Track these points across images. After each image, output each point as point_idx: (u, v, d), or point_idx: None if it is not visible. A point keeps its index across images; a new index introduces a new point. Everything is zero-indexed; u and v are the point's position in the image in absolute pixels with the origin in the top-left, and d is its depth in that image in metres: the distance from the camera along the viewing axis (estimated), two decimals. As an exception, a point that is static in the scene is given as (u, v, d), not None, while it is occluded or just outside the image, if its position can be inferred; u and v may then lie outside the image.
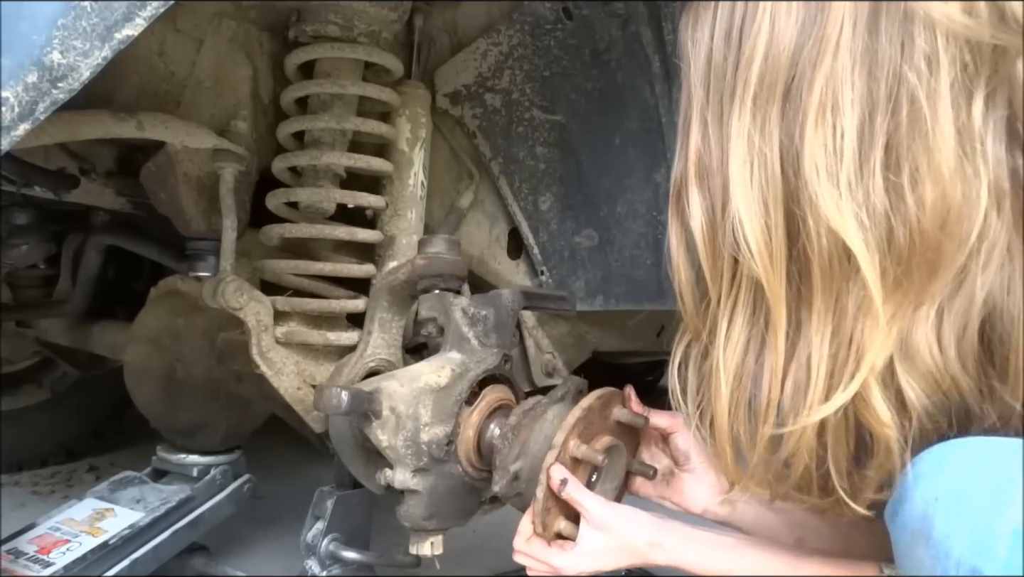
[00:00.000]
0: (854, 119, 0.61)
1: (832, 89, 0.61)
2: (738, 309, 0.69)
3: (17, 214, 1.55)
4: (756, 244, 0.64)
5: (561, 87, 1.43)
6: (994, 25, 0.59)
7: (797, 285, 0.65)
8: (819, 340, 0.64)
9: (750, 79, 0.64)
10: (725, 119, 0.67)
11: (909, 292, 0.61)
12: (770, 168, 0.64)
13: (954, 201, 0.59)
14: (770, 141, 0.64)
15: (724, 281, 0.69)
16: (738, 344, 0.69)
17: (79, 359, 2.08)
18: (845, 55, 0.61)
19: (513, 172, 1.49)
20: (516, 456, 0.93)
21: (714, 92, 0.68)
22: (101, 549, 1.21)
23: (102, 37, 0.68)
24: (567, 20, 1.38)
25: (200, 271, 1.30)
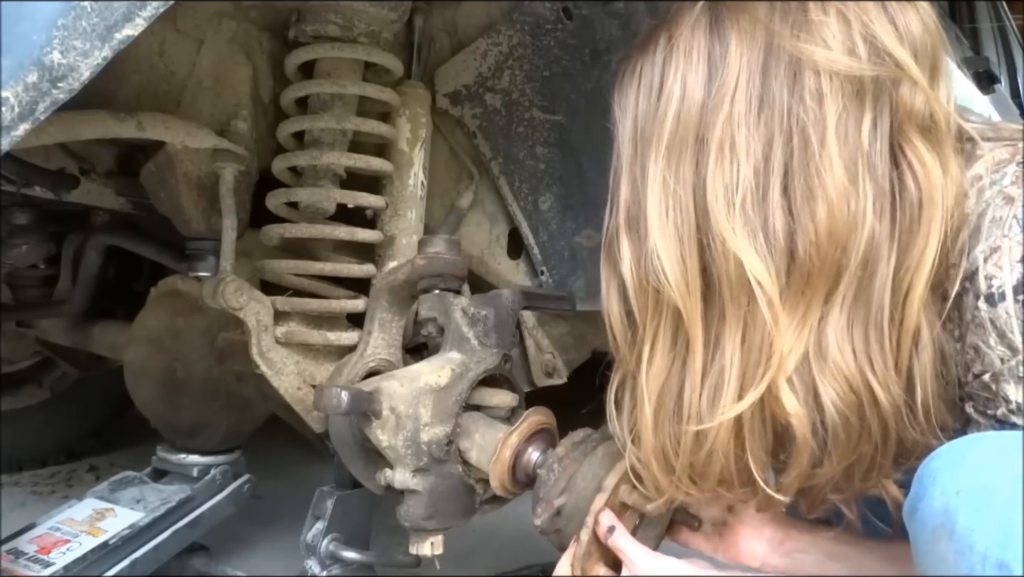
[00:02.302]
0: (750, 155, 0.70)
1: (730, 130, 0.71)
2: (659, 335, 0.77)
3: (17, 214, 1.55)
4: (672, 274, 0.73)
5: (561, 87, 1.43)
6: (872, 61, 0.69)
7: (711, 307, 0.74)
8: (731, 349, 0.72)
9: (665, 130, 0.74)
10: (646, 170, 0.76)
11: (814, 300, 0.69)
12: (683, 206, 0.73)
13: (843, 217, 0.68)
14: (683, 182, 0.73)
15: (649, 312, 0.77)
16: (660, 366, 0.77)
17: (79, 359, 2.08)
18: (741, 100, 0.71)
19: (513, 172, 1.49)
20: (561, 491, 0.88)
21: (640, 147, 0.78)
22: (101, 549, 1.21)
23: (102, 37, 0.68)
24: (567, 20, 1.38)
25: (200, 271, 1.30)
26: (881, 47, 0.69)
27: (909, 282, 0.69)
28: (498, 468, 0.95)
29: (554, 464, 0.91)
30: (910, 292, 0.69)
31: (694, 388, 0.74)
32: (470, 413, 1.03)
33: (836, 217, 0.67)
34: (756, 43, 0.71)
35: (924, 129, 0.70)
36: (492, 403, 1.05)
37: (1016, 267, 0.64)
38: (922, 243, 0.68)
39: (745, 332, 0.71)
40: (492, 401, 1.05)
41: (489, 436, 0.98)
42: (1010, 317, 0.64)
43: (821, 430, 0.70)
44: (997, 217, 0.67)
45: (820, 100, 0.69)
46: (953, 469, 0.61)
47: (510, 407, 1.06)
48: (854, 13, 0.70)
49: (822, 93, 0.69)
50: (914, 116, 0.70)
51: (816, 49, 0.69)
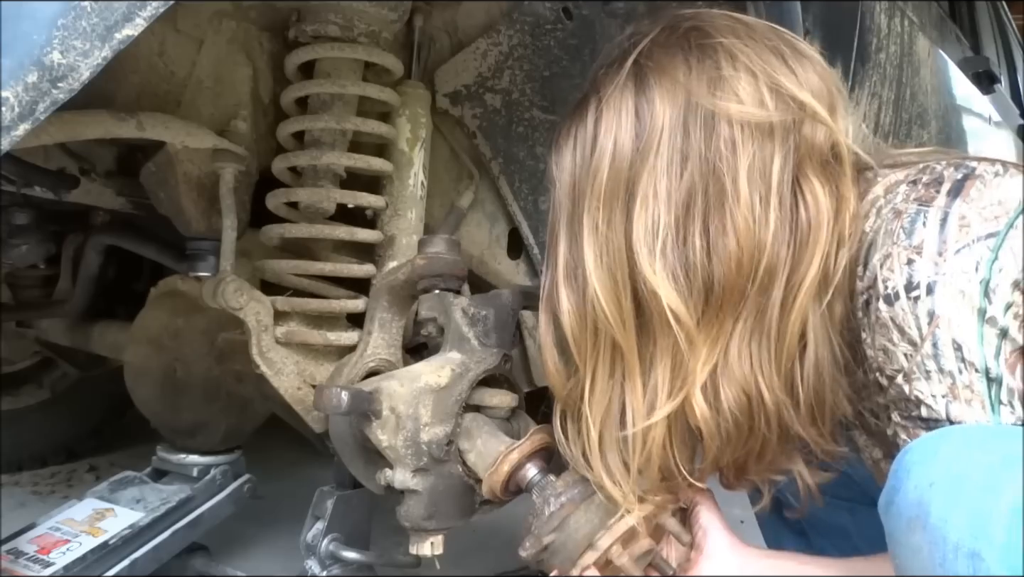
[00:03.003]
0: (671, 203, 0.78)
1: (653, 180, 0.78)
2: (599, 368, 0.84)
3: (17, 214, 1.55)
4: (610, 313, 0.80)
5: (561, 87, 1.43)
6: (778, 107, 0.78)
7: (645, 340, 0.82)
8: (662, 369, 0.81)
9: (599, 183, 0.81)
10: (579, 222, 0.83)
11: (724, 321, 0.78)
12: (615, 250, 0.80)
13: (749, 248, 0.76)
14: (614, 230, 0.80)
15: (588, 349, 0.84)
16: (601, 393, 0.84)
17: (79, 359, 2.08)
18: (664, 152, 0.78)
19: (513, 172, 1.49)
20: (553, 529, 0.89)
21: (576, 201, 0.84)
22: (101, 549, 1.21)
23: (102, 37, 0.68)
24: (567, 20, 1.38)
25: (200, 271, 1.30)
26: (785, 93, 0.78)
27: (793, 297, 0.77)
28: (493, 479, 0.96)
29: (551, 497, 0.92)
30: (794, 305, 0.77)
31: (636, 403, 0.82)
32: (474, 415, 1.03)
33: (743, 249, 0.76)
34: (677, 100, 0.79)
35: (824, 163, 0.79)
36: (492, 403, 1.05)
37: (904, 269, 0.73)
38: (807, 261, 0.77)
39: (672, 354, 0.80)
40: (492, 401, 1.05)
41: (491, 445, 0.99)
42: (906, 313, 0.72)
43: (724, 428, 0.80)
44: (889, 229, 0.75)
45: (733, 148, 0.77)
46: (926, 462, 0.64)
47: (510, 408, 1.06)
48: (759, 67, 0.79)
49: (735, 141, 0.77)
50: (815, 150, 0.79)
51: (730, 104, 0.77)
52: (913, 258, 0.72)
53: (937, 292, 0.70)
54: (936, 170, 0.78)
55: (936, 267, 0.71)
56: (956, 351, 0.69)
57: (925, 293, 0.71)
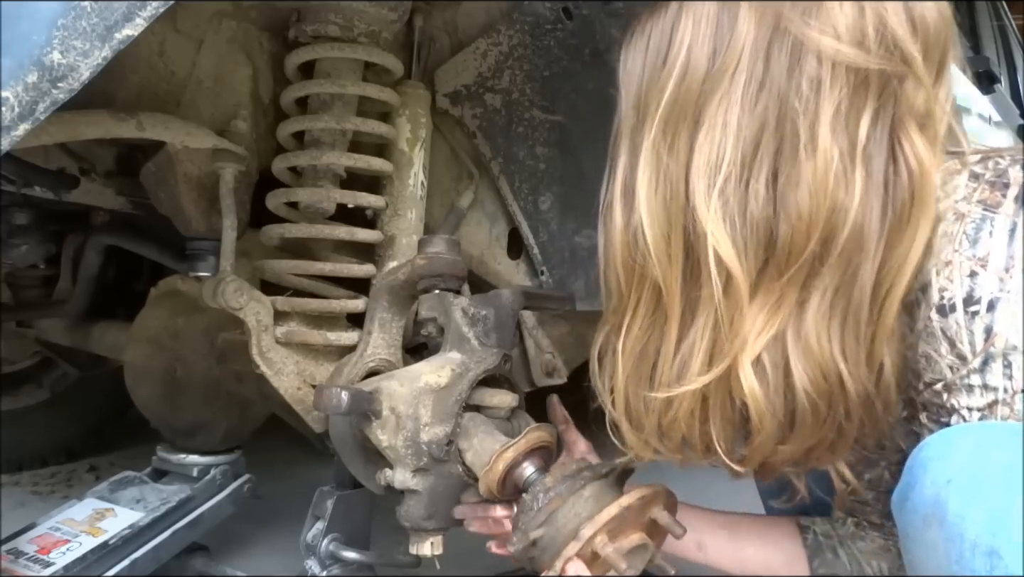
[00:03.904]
0: (739, 137, 0.69)
1: (724, 108, 0.70)
2: (640, 305, 0.78)
3: (17, 214, 1.55)
4: (656, 249, 0.74)
5: (561, 87, 1.43)
6: (879, 54, 0.67)
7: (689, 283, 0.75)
8: (703, 325, 0.73)
9: (664, 100, 0.73)
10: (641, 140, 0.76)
11: (790, 286, 0.70)
12: (672, 182, 0.73)
13: (826, 206, 0.67)
14: (675, 158, 0.73)
15: (634, 281, 0.78)
16: (638, 334, 0.79)
17: (79, 359, 2.08)
18: (740, 79, 0.70)
19: (513, 172, 1.49)
20: (540, 523, 0.88)
21: (640, 115, 0.77)
22: (101, 549, 1.21)
23: (102, 37, 0.68)
24: (567, 20, 1.38)
25: (200, 271, 1.30)
26: (892, 40, 0.67)
27: (892, 280, 0.69)
28: (489, 478, 0.95)
29: (540, 493, 0.90)
30: (892, 290, 0.69)
31: (666, 358, 0.76)
32: (472, 415, 1.02)
33: (819, 205, 0.67)
34: (765, 20, 0.69)
35: (922, 126, 0.70)
36: (492, 403, 1.05)
37: (965, 281, 0.67)
38: (908, 242, 0.69)
39: (715, 313, 0.73)
40: (492, 401, 1.05)
41: (487, 444, 0.98)
42: (960, 327, 0.67)
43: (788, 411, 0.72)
44: (949, 232, 0.69)
45: (818, 88, 0.68)
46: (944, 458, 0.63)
47: (510, 408, 1.06)
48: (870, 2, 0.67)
49: (820, 81, 0.67)
50: (914, 112, 0.69)
51: (822, 37, 0.67)
52: (977, 271, 0.67)
53: (999, 310, 0.66)
54: (999, 166, 0.71)
55: (1001, 283, 0.66)
56: (1006, 369, 0.66)
57: (985, 309, 0.66)
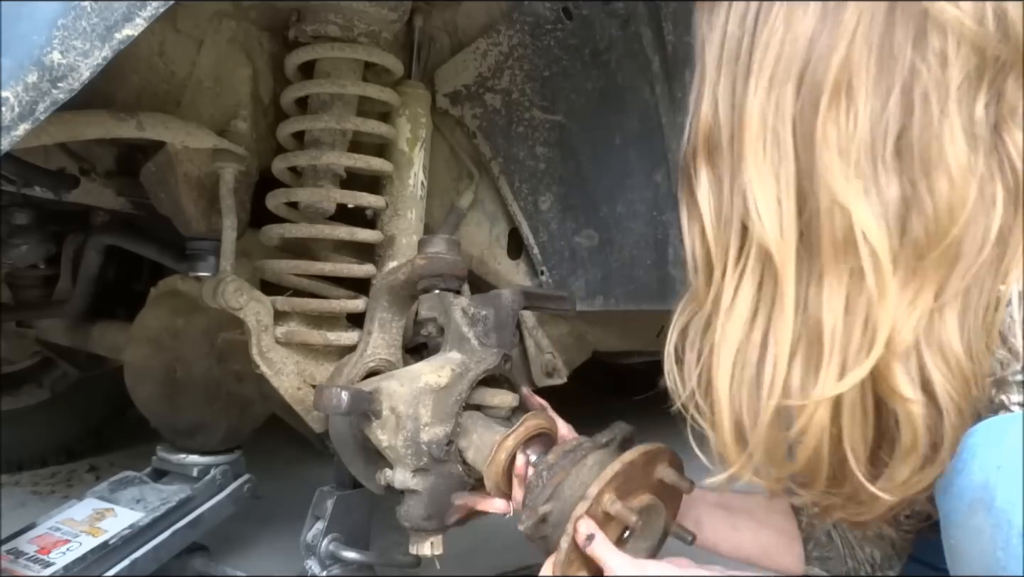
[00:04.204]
0: (867, 105, 0.63)
1: (848, 74, 0.63)
2: (744, 281, 0.69)
3: (17, 214, 1.55)
4: (768, 217, 0.66)
5: (561, 87, 1.43)
6: (997, 38, 0.62)
7: (806, 261, 0.66)
8: (831, 317, 0.64)
9: (766, 61, 0.67)
10: (738, 98, 0.69)
11: (927, 282, 0.62)
12: (782, 145, 0.66)
13: (968, 197, 0.61)
14: (783, 119, 0.66)
15: (731, 252, 0.70)
16: (743, 316, 0.69)
17: (79, 359, 2.08)
18: (861, 43, 0.63)
19: (513, 172, 1.49)
20: (547, 498, 0.87)
21: (726, 72, 0.70)
22: (101, 549, 1.21)
23: (102, 37, 0.68)
24: (567, 20, 1.38)
25: (200, 271, 1.30)
26: (1007, 27, 0.63)
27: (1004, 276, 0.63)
28: (492, 469, 0.95)
29: (543, 471, 0.90)
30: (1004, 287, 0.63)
31: (779, 352, 0.66)
32: (470, 413, 1.03)
33: (959, 193, 0.61)
34: None
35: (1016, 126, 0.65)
36: (493, 403, 1.05)
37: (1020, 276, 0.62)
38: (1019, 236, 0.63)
39: (849, 299, 0.63)
40: (493, 401, 1.05)
41: (486, 437, 0.98)
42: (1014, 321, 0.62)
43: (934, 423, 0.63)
44: None
45: (944, 63, 0.62)
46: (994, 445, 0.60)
47: (511, 407, 1.06)
48: None
49: (946, 56, 0.62)
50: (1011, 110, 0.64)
51: (947, 7, 0.62)
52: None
53: None
54: None
55: None
56: None
57: None
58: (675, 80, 1.35)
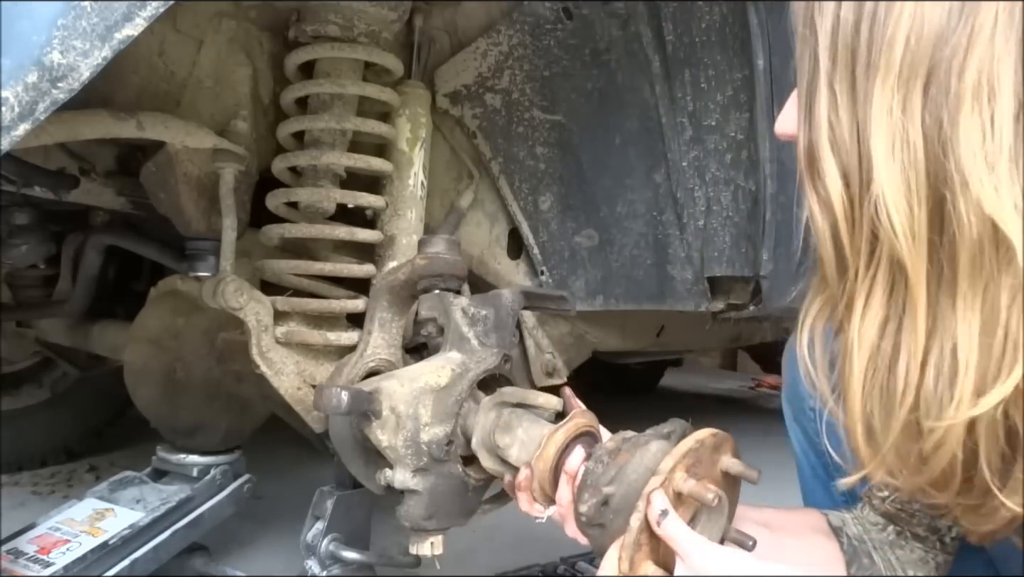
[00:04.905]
0: (1011, 107, 0.60)
1: (987, 76, 0.60)
2: (876, 286, 0.66)
3: (17, 214, 1.55)
4: (900, 222, 0.63)
5: (561, 87, 1.43)
6: None
7: (940, 269, 0.63)
8: (967, 329, 0.61)
9: (892, 58, 0.63)
10: (861, 93, 0.66)
11: None
12: (913, 147, 0.63)
13: None
14: (913, 120, 0.63)
15: (863, 255, 0.67)
16: (875, 322, 0.66)
17: (79, 359, 2.08)
18: (1001, 44, 0.60)
19: (513, 172, 1.49)
20: (611, 480, 0.80)
21: (842, 63, 0.67)
22: (101, 549, 1.21)
23: (102, 37, 0.68)
24: (567, 20, 1.38)
25: (200, 271, 1.30)
26: None
27: None
28: (540, 466, 0.87)
29: (603, 455, 0.83)
30: None
31: (911, 363, 0.64)
32: (513, 409, 0.99)
33: None
34: None
35: None
36: (538, 403, 1.00)
37: None
38: None
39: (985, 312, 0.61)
40: (537, 402, 1.00)
41: (533, 432, 0.92)
42: None
43: None
44: None
45: None
46: None
47: (555, 410, 1.01)
48: None
49: None
50: None
51: None
52: None
53: None
54: None
55: None
56: None
57: None
58: (675, 80, 1.35)
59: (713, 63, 1.31)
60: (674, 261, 1.44)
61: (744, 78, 1.29)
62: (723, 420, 0.99)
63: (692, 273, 1.43)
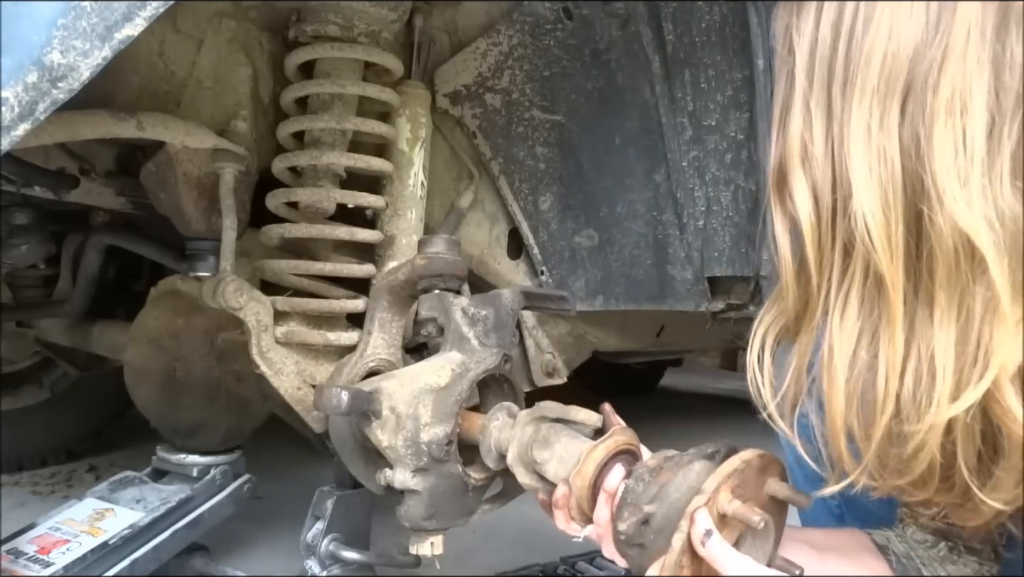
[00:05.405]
0: (983, 123, 0.61)
1: (960, 92, 0.61)
2: (851, 298, 0.68)
3: (17, 214, 1.55)
4: (878, 236, 0.64)
5: (561, 87, 1.43)
6: None
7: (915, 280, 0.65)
8: (944, 336, 0.63)
9: (869, 75, 0.65)
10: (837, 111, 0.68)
11: None
12: (890, 162, 0.64)
13: None
14: (889, 136, 0.64)
15: (835, 269, 0.69)
16: (851, 334, 0.68)
17: (79, 359, 2.08)
18: (972, 59, 0.61)
19: (513, 172, 1.49)
20: (652, 498, 0.77)
21: (819, 82, 0.69)
22: (101, 549, 1.21)
23: (102, 37, 0.68)
24: (567, 20, 1.38)
25: (200, 271, 1.30)
26: None
27: None
28: (578, 482, 0.84)
29: (644, 473, 0.80)
30: None
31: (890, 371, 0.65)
32: (552, 424, 0.95)
33: None
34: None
35: None
36: (578, 419, 0.97)
37: None
38: None
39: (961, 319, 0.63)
40: (578, 417, 0.97)
41: (572, 447, 0.89)
42: None
43: None
44: None
45: None
46: None
47: (595, 427, 0.97)
48: None
49: None
50: None
51: None
52: None
53: None
54: None
55: None
56: None
57: None
58: (675, 80, 1.35)
59: (713, 63, 1.31)
60: (674, 261, 1.44)
61: (744, 78, 1.29)
62: (723, 420, 0.99)
63: (692, 273, 1.43)
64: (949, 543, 0.92)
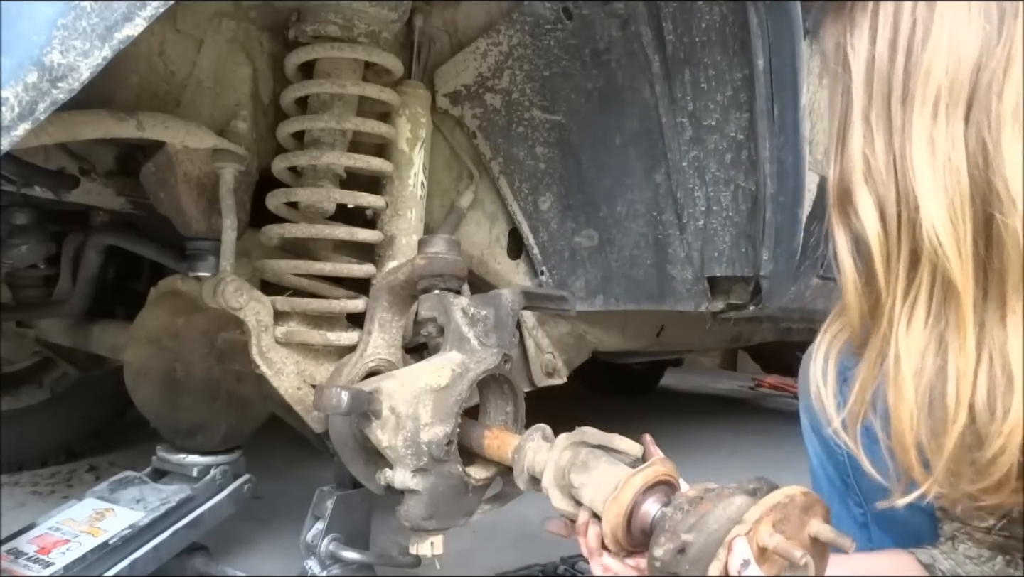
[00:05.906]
0: None
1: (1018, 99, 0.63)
2: (918, 309, 0.69)
3: (17, 214, 1.55)
4: (948, 244, 0.65)
5: (561, 87, 1.43)
6: None
7: (984, 285, 0.66)
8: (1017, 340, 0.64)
9: (930, 87, 0.66)
10: (897, 125, 0.69)
11: None
12: (956, 171, 0.65)
13: None
14: (955, 146, 0.66)
15: (900, 281, 0.70)
16: (919, 343, 0.69)
17: (79, 359, 2.08)
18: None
19: (513, 172, 1.49)
20: (690, 527, 0.76)
21: (878, 97, 0.70)
22: (101, 549, 1.21)
23: (102, 37, 0.68)
24: (567, 20, 1.38)
25: (200, 271, 1.30)
26: None
27: None
28: (614, 509, 0.82)
29: (683, 503, 0.79)
30: None
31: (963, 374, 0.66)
32: (592, 449, 0.93)
33: None
34: None
35: None
36: (621, 448, 0.95)
37: None
38: None
39: None
40: (621, 446, 0.95)
41: (610, 473, 0.87)
42: None
43: None
44: None
45: None
46: None
47: (636, 457, 0.95)
48: None
49: None
50: None
51: None
52: None
53: None
54: None
55: None
56: None
57: None
58: (675, 80, 1.35)
59: (713, 63, 1.31)
60: (674, 261, 1.44)
61: (744, 78, 1.29)
62: (723, 420, 0.99)
63: (692, 273, 1.43)
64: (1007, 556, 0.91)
